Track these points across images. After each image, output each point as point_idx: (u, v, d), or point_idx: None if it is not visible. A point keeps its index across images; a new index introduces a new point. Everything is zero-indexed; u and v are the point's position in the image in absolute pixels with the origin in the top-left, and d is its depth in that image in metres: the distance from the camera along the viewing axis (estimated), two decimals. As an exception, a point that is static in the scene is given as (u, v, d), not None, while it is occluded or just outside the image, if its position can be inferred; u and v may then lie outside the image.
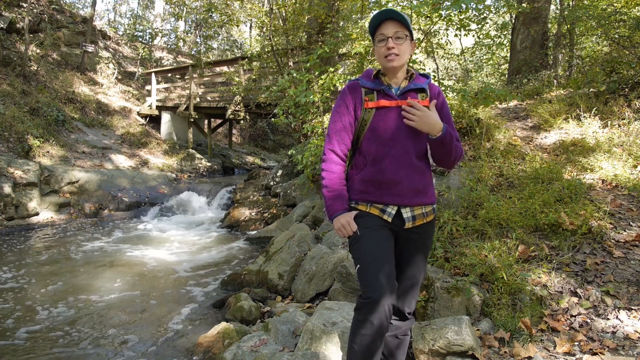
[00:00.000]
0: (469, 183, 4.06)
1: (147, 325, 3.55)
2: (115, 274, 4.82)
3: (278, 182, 8.24)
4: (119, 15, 26.81)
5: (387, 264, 1.70)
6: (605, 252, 2.99)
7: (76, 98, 12.02)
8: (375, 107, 1.77)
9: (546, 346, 2.36)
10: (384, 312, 1.62)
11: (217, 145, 14.58)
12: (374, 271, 1.67)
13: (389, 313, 1.64)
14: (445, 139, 1.70)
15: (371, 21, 1.77)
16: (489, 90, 4.90)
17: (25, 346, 3.19)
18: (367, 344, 1.65)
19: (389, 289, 1.64)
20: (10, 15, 12.16)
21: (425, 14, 5.14)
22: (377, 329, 1.63)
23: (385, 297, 1.62)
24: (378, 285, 1.64)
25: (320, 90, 5.57)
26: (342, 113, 1.82)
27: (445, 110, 1.83)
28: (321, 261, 3.83)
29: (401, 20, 1.73)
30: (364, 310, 1.66)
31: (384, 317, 1.63)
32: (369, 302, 1.64)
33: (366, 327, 1.64)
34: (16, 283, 4.48)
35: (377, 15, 1.76)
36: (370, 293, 1.64)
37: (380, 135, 1.75)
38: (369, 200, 1.79)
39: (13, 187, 7.06)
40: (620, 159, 4.25)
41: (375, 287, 1.64)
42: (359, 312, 1.69)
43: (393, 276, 1.70)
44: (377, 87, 1.79)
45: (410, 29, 1.77)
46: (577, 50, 9.71)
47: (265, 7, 9.51)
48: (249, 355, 2.60)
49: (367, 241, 1.74)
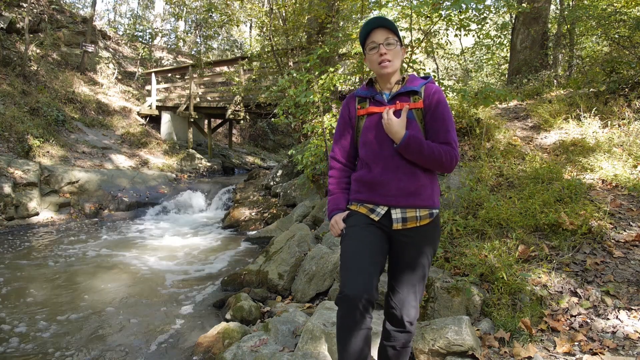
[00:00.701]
0: (469, 183, 4.07)
1: (147, 325, 3.55)
2: (115, 273, 4.82)
3: (278, 182, 8.25)
4: (119, 15, 26.83)
5: (365, 259, 1.71)
6: (605, 252, 2.99)
7: (76, 98, 12.02)
8: (366, 113, 1.87)
9: (546, 346, 2.36)
10: (358, 306, 1.63)
11: (217, 145, 14.58)
12: (349, 266, 1.71)
13: (363, 307, 1.63)
14: (408, 147, 1.71)
15: (361, 31, 1.84)
16: (489, 90, 4.90)
17: (23, 347, 3.19)
18: (348, 340, 1.67)
19: (362, 284, 1.64)
20: (10, 15, 12.16)
21: (425, 14, 5.14)
22: (355, 323, 1.64)
23: (358, 292, 1.63)
24: (351, 281, 1.66)
25: (320, 90, 5.57)
26: (340, 123, 1.97)
27: (440, 110, 1.78)
28: (321, 261, 3.84)
29: (390, 28, 1.80)
30: (340, 305, 1.69)
31: (359, 311, 1.63)
32: (342, 297, 1.66)
33: (344, 324, 1.67)
34: (16, 283, 4.48)
35: (366, 23, 1.81)
36: (344, 288, 1.66)
37: (370, 140, 1.83)
38: (360, 200, 1.85)
39: (13, 187, 7.06)
40: (620, 159, 4.25)
41: (348, 282, 1.66)
42: (338, 309, 1.71)
43: (371, 272, 1.69)
44: (368, 95, 1.88)
45: (399, 35, 1.84)
46: (577, 50, 9.71)
47: (265, 7, 9.51)
48: (249, 355, 2.60)
49: (348, 238, 1.79)
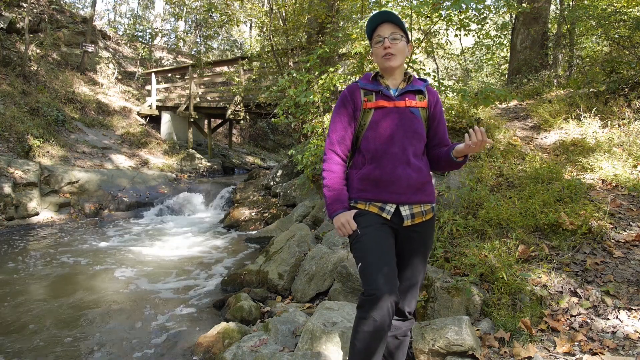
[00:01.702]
0: (469, 183, 4.07)
1: (147, 325, 3.55)
2: (115, 273, 4.82)
3: (278, 182, 8.24)
4: (119, 15, 26.83)
5: (389, 261, 1.72)
6: (605, 252, 2.99)
7: (76, 98, 12.02)
8: (374, 107, 1.83)
9: (546, 346, 2.36)
10: (386, 308, 1.63)
11: (217, 145, 14.58)
12: (376, 269, 1.69)
13: (391, 310, 1.65)
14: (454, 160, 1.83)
15: (368, 24, 1.84)
16: (489, 90, 4.90)
17: (23, 346, 3.19)
18: (369, 342, 1.66)
19: (390, 286, 1.65)
20: (10, 15, 12.16)
21: (425, 14, 5.14)
22: (379, 326, 1.64)
23: (387, 294, 1.63)
24: (380, 283, 1.65)
25: (320, 90, 5.57)
26: (341, 114, 1.88)
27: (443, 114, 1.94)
28: (321, 261, 3.83)
29: (397, 23, 1.81)
30: (366, 307, 1.66)
31: (386, 314, 1.63)
32: (371, 299, 1.65)
33: (368, 324, 1.65)
34: (15, 283, 4.48)
35: (373, 17, 1.83)
36: (373, 290, 1.65)
37: (379, 135, 1.80)
38: (368, 199, 1.82)
39: (13, 187, 7.06)
40: (620, 159, 4.25)
41: (377, 284, 1.65)
42: (361, 310, 1.69)
43: (395, 274, 1.71)
44: (375, 89, 1.85)
45: (406, 31, 1.84)
46: (577, 50, 9.71)
47: (265, 7, 9.51)
48: (249, 355, 2.60)
49: (368, 239, 1.76)
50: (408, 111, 1.81)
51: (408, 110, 1.81)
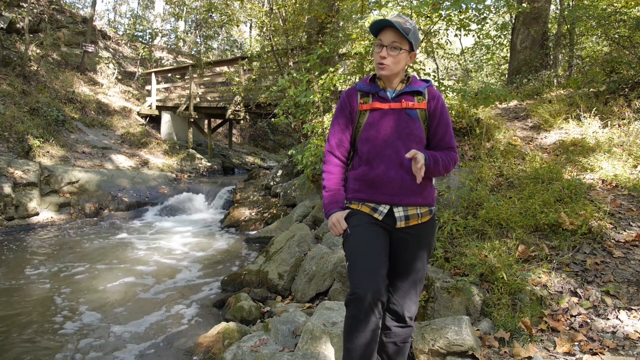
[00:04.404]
0: (469, 183, 4.07)
1: (147, 325, 3.55)
2: (115, 274, 4.82)
3: (278, 182, 8.25)
4: (119, 15, 26.81)
5: (374, 260, 1.71)
6: (605, 252, 2.99)
7: (76, 98, 12.02)
8: (369, 109, 1.83)
9: (546, 346, 2.36)
10: (370, 306, 1.62)
11: (217, 145, 14.58)
12: (360, 267, 1.69)
13: (375, 308, 1.64)
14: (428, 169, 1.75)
15: (372, 24, 1.78)
16: (489, 90, 4.90)
17: (22, 346, 3.19)
18: (357, 340, 1.66)
19: (373, 284, 1.64)
20: (10, 15, 12.16)
21: (425, 14, 5.14)
22: (366, 324, 1.64)
23: (370, 292, 1.62)
24: (362, 281, 1.65)
25: (320, 90, 5.57)
26: (339, 117, 1.90)
27: (445, 116, 1.87)
28: (321, 261, 3.83)
29: (402, 31, 1.72)
30: (351, 306, 1.67)
31: (371, 312, 1.63)
32: (354, 298, 1.65)
33: (354, 324, 1.66)
34: (15, 283, 4.48)
35: (378, 21, 1.77)
36: (356, 288, 1.65)
37: (373, 136, 1.80)
38: (361, 199, 1.83)
39: (13, 187, 7.06)
40: (620, 159, 4.25)
41: (360, 282, 1.66)
42: (347, 309, 1.70)
43: (381, 272, 1.69)
44: (372, 90, 1.85)
45: (411, 40, 1.76)
46: (577, 50, 9.71)
47: (265, 7, 9.51)
48: (249, 355, 2.60)
49: (354, 239, 1.77)
50: (404, 113, 1.79)
51: (404, 112, 1.80)
